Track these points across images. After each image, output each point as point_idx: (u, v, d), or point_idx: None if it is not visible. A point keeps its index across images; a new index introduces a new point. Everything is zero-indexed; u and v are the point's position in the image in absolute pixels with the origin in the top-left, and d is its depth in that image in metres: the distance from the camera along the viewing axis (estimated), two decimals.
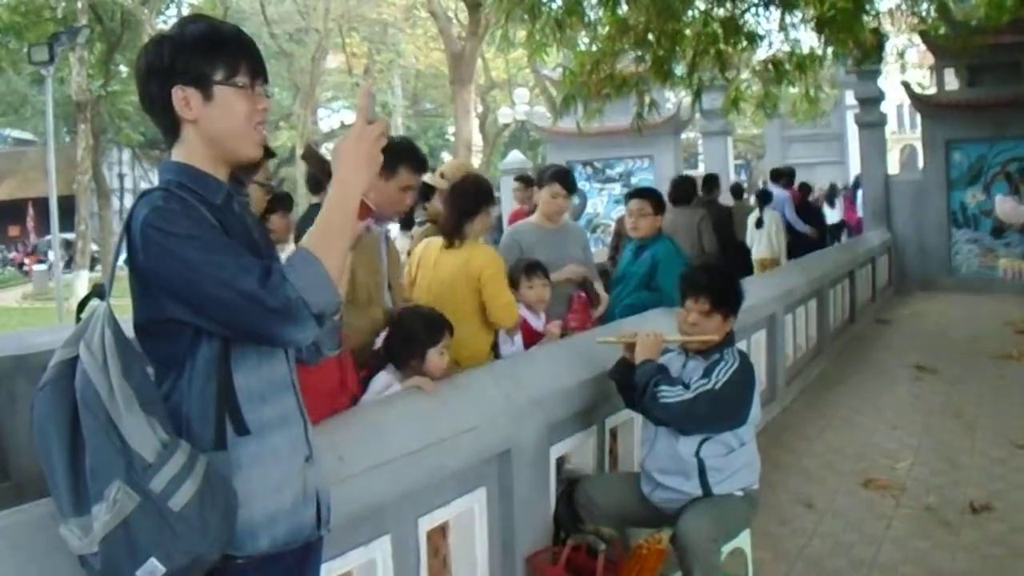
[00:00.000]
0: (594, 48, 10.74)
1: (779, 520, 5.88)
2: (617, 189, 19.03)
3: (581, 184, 19.29)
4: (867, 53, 11.40)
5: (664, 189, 8.88)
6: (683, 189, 10.12)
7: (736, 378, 4.23)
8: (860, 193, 18.76)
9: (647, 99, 10.94)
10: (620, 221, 9.81)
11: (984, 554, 5.28)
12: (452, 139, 38.54)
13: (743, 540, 4.48)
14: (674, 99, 18.82)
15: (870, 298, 14.50)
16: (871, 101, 17.38)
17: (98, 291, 2.32)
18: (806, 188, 16.20)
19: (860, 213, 18.61)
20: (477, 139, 38.30)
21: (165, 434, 2.17)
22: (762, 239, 13.24)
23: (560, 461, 4.70)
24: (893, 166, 24.01)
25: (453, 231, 5.16)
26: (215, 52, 2.35)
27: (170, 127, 2.41)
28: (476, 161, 36.50)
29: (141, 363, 2.23)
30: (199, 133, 2.38)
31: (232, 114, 2.38)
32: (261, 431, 2.36)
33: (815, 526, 5.79)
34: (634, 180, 18.65)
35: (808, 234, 14.29)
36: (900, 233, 17.04)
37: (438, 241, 5.26)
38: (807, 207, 15.17)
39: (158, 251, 2.20)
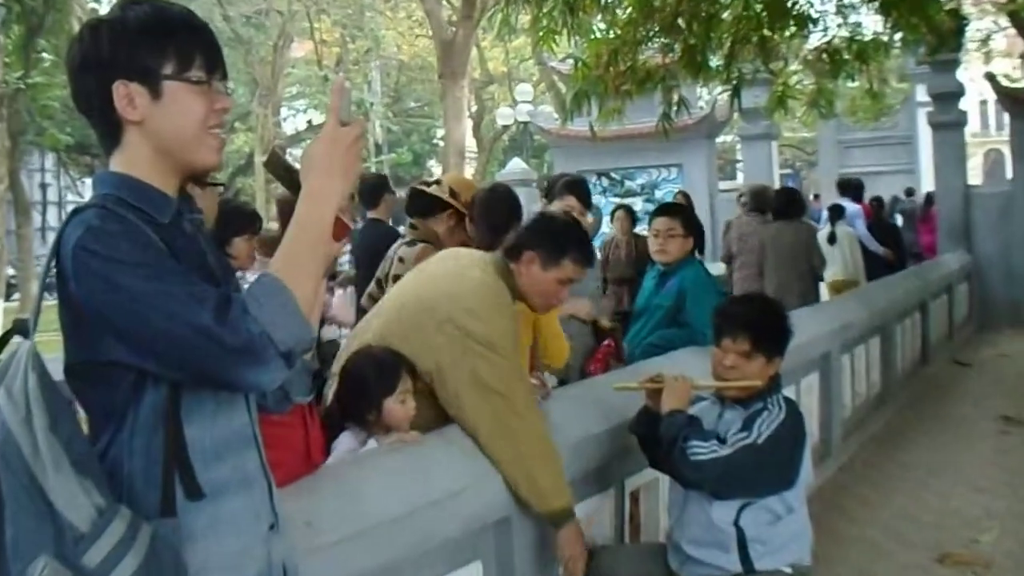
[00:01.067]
0: (612, 35, 10.73)
1: None
2: (639, 204, 19.10)
3: (595, 198, 19.23)
4: (943, 39, 11.37)
5: (702, 203, 9.00)
6: (791, 200, 11.16)
7: (782, 431, 4.25)
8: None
9: (675, 96, 10.94)
10: (622, 218, 9.81)
11: None
12: (441, 143, 38.64)
13: None
14: (708, 96, 18.93)
15: (946, 335, 14.51)
16: (948, 97, 17.44)
17: (19, 327, 2.32)
18: (880, 202, 16.30)
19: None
20: (471, 144, 38.37)
21: (101, 498, 2.14)
22: (835, 258, 12.86)
23: None
24: (974, 175, 24.08)
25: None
26: (164, 40, 2.33)
27: (109, 130, 2.39)
28: (469, 170, 36.60)
29: (72, 414, 2.20)
30: (145, 137, 2.36)
31: (185, 114, 2.36)
32: (217, 494, 2.34)
33: None
34: (659, 194, 18.74)
35: (883, 256, 14.43)
36: (983, 256, 17.09)
37: None
38: (882, 224, 15.37)
39: (93, 280, 2.18)
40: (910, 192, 24.15)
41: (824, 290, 12.46)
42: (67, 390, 2.29)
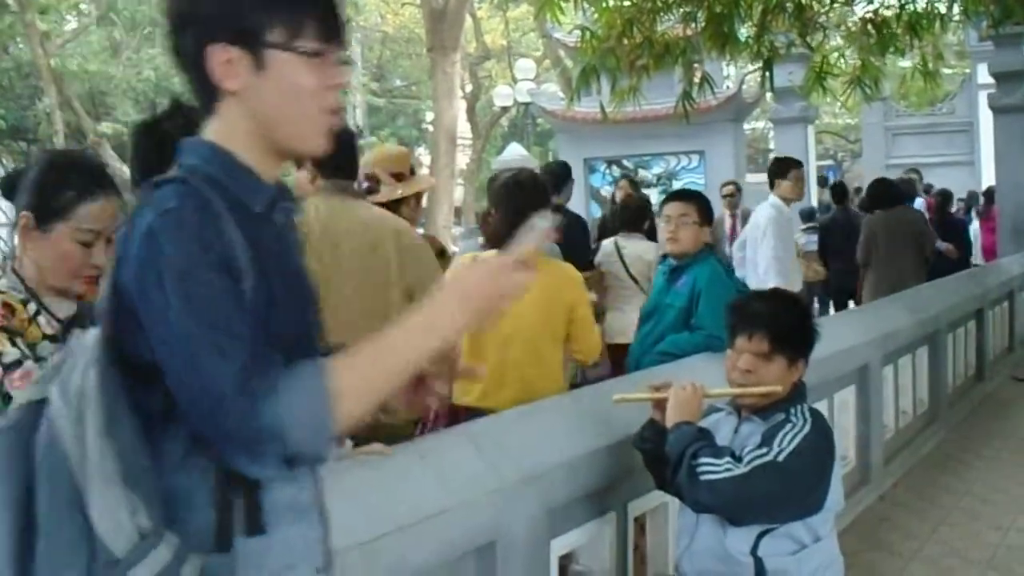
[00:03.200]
0: (626, 2, 10.71)
1: None
2: (655, 197, 19.08)
3: (605, 190, 19.18)
4: (1009, 11, 11.31)
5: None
6: (887, 189, 12.87)
7: (807, 447, 4.22)
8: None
9: (698, 73, 10.91)
10: (624, 186, 9.86)
11: None
12: (431, 128, 38.61)
13: None
14: (735, 74, 18.92)
15: (1006, 348, 14.45)
16: (1013, 77, 17.38)
17: (86, 313, 2.27)
18: (945, 196, 16.40)
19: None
20: (464, 128, 38.37)
21: (148, 520, 2.11)
22: None
23: (565, 560, 4.72)
24: None
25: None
26: (273, 1, 2.29)
27: (206, 96, 2.36)
28: (464, 158, 36.60)
29: (132, 419, 2.17)
30: (243, 111, 2.33)
31: (293, 91, 2.31)
32: (273, 524, 2.30)
33: None
34: (677, 184, 18.68)
35: (947, 253, 14.67)
36: None
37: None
38: (946, 219, 15.60)
39: (143, 270, 2.17)
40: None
41: None
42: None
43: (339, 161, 5.27)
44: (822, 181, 28.18)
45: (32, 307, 3.42)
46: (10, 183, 3.50)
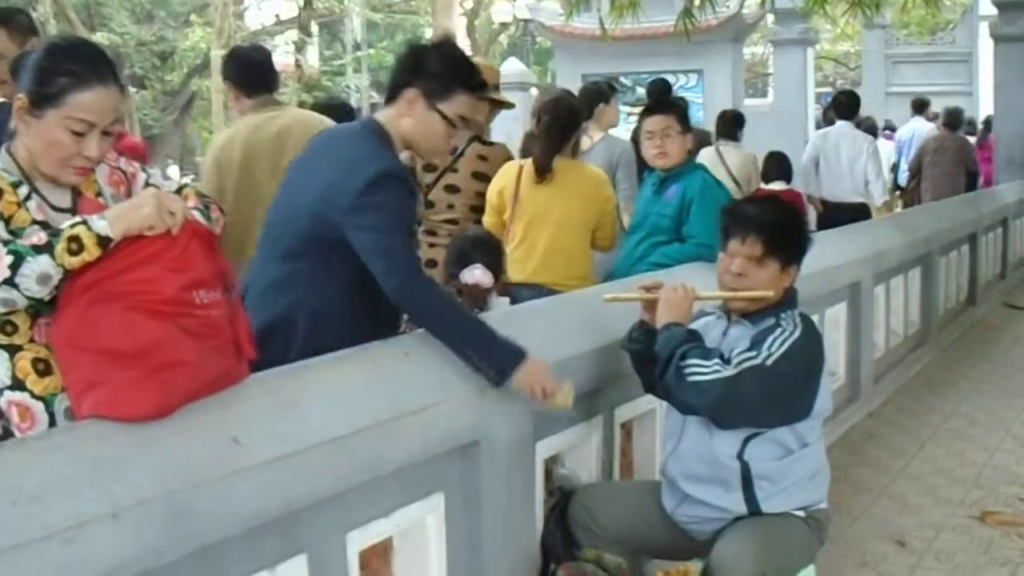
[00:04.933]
0: None
1: (859, 560, 5.89)
2: None
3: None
4: None
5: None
6: (956, 116, 15.65)
7: (796, 352, 4.19)
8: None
9: None
10: None
11: None
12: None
13: None
14: None
15: (998, 274, 14.45)
16: (1015, 6, 17.21)
17: None
18: (954, 115, 16.93)
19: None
20: (463, 44, 38.16)
21: None
22: None
23: (550, 463, 4.69)
24: None
25: (549, 163, 6.62)
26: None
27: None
28: None
29: None
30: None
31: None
32: None
33: (910, 572, 5.79)
34: None
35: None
36: None
37: (527, 169, 6.69)
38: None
39: None
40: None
41: None
42: None
43: (257, 79, 6.47)
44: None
45: (24, 190, 3.36)
46: (17, 64, 3.43)
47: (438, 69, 4.32)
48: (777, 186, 11.68)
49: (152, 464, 2.95)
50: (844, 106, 12.95)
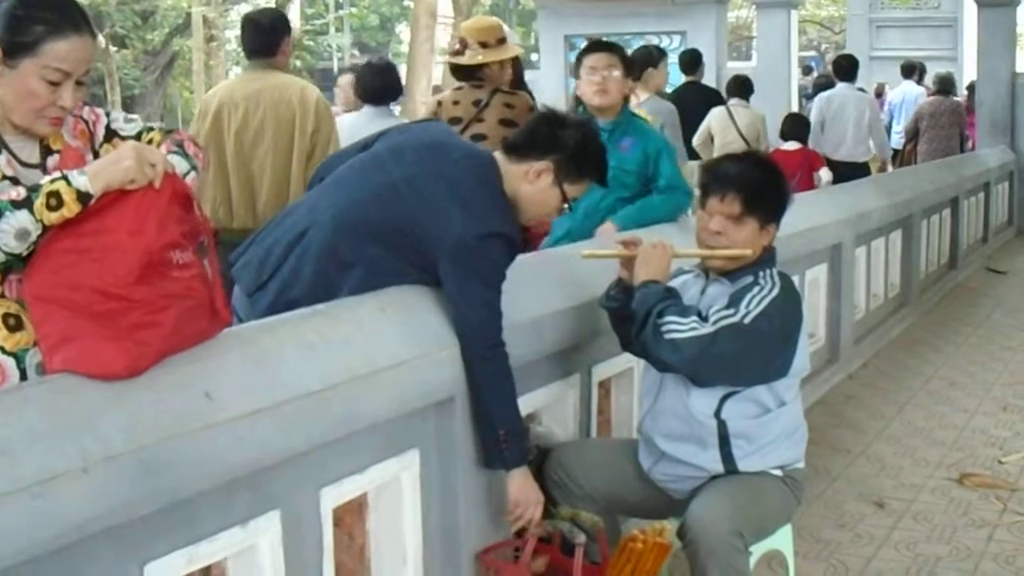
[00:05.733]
0: None
1: (837, 522, 5.91)
2: None
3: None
4: None
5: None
6: (947, 80, 16.17)
7: (773, 310, 4.17)
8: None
9: None
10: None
11: None
12: (411, 5, 38.23)
13: (782, 541, 4.47)
14: None
15: (980, 239, 14.54)
16: None
17: None
18: (945, 81, 17.00)
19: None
20: (445, 7, 38.00)
21: None
22: None
23: (527, 421, 4.66)
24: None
25: None
26: None
27: None
28: (445, 37, 36.27)
29: None
30: None
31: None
32: None
33: (888, 532, 5.81)
34: None
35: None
36: None
37: None
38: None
39: None
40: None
41: None
42: None
43: (258, 45, 6.98)
44: (806, 70, 28.46)
45: None
46: None
47: (580, 153, 4.39)
48: (790, 146, 12.14)
49: (123, 418, 2.92)
50: (845, 69, 13.76)
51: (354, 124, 7.70)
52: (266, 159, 6.69)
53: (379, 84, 8.06)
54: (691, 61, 13.11)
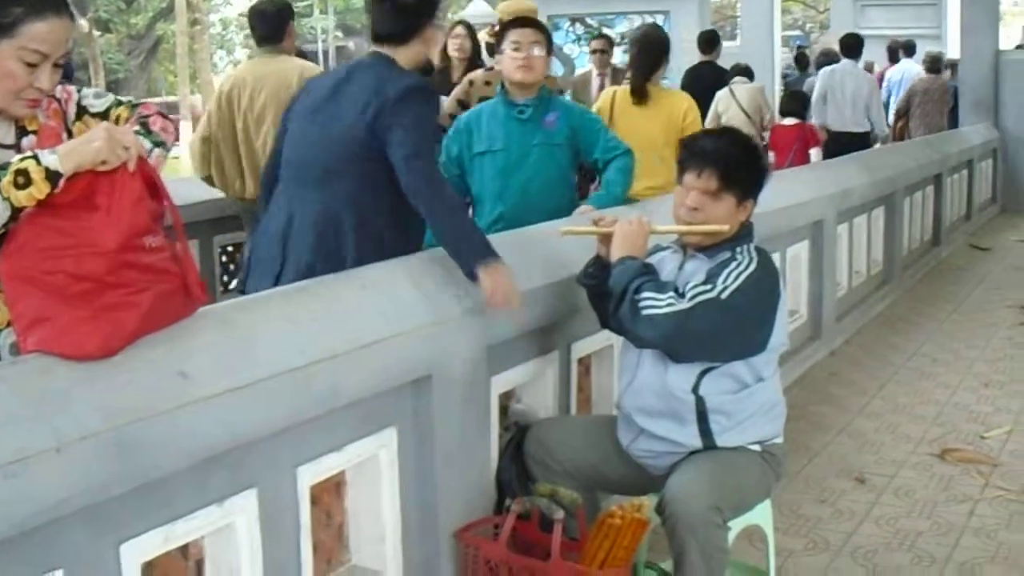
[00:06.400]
0: None
1: (818, 497, 5.92)
2: (618, 56, 18.87)
3: (568, 47, 19.17)
4: None
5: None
6: (938, 60, 16.76)
7: (751, 285, 4.16)
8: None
9: None
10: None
11: None
12: None
13: (761, 516, 4.47)
14: None
15: (963, 216, 14.56)
16: None
17: None
18: (937, 59, 17.28)
19: None
20: None
21: None
22: None
23: (506, 398, 4.68)
24: (1009, 45, 23.81)
25: (643, 83, 7.73)
26: None
27: None
28: None
29: None
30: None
31: None
32: None
33: (869, 508, 5.82)
34: None
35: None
36: (1011, 132, 16.95)
37: (624, 92, 7.86)
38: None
39: None
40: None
41: None
42: None
43: (266, 33, 7.55)
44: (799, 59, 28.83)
45: None
46: None
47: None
48: (789, 121, 12.80)
49: (97, 398, 2.92)
50: (850, 47, 14.45)
51: None
52: (269, 137, 6.82)
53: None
54: (709, 41, 13.81)
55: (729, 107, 12.44)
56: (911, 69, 19.21)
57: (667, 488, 4.06)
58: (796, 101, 13.44)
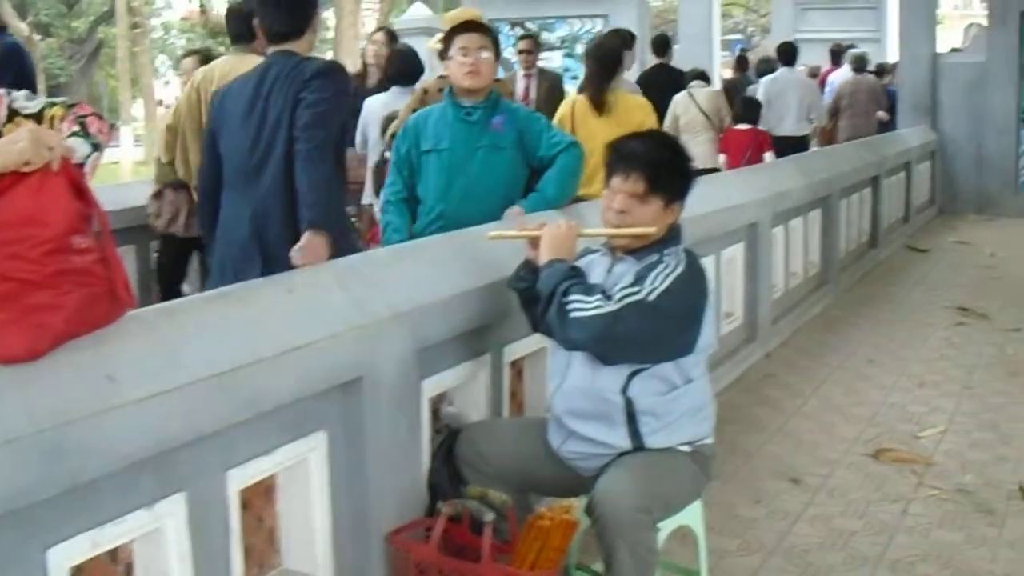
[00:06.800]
0: None
1: (752, 498, 5.96)
2: (558, 60, 18.96)
3: (507, 51, 19.17)
4: None
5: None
6: (863, 60, 17.09)
7: (678, 287, 4.18)
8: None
9: None
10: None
11: None
12: None
13: (691, 517, 4.49)
14: None
15: (901, 218, 14.67)
16: None
17: None
18: (860, 60, 17.50)
19: None
20: None
21: None
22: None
23: (437, 401, 4.70)
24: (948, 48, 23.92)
25: (600, 95, 8.06)
26: None
27: None
28: (371, 22, 36.06)
29: None
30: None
31: None
32: None
33: (803, 508, 5.86)
34: (581, 48, 18.63)
35: (879, 119, 17.11)
36: (949, 135, 17.15)
37: (583, 101, 8.12)
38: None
39: None
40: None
41: None
42: None
43: (238, 32, 7.66)
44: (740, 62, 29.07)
45: None
46: None
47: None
48: (743, 126, 13.11)
49: (23, 402, 2.91)
50: (787, 54, 15.43)
51: (387, 102, 8.78)
52: None
53: (408, 66, 9.14)
54: (662, 44, 14.36)
55: (688, 109, 12.71)
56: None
57: (596, 489, 4.07)
58: (750, 107, 13.74)
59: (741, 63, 19.31)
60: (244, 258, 5.31)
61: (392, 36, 10.23)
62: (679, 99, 12.81)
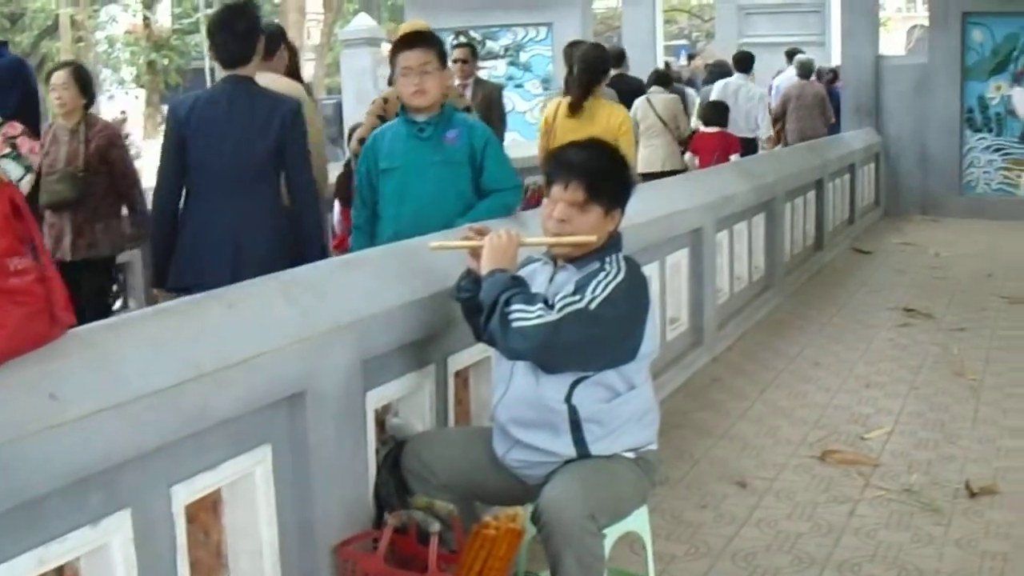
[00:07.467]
0: None
1: (699, 502, 5.99)
2: (501, 68, 18.98)
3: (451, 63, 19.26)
4: None
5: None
6: (808, 66, 17.19)
7: (619, 295, 4.20)
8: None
9: None
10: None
11: (982, 550, 5.39)
12: (280, 2, 37.87)
13: (638, 523, 4.50)
14: None
15: (846, 220, 14.77)
16: None
17: None
18: (805, 66, 17.49)
19: None
20: (315, 3, 37.74)
21: None
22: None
23: (383, 413, 4.71)
24: (892, 51, 24.03)
25: (581, 99, 8.75)
26: None
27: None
28: (316, 33, 36.02)
29: None
30: None
31: None
32: None
33: (749, 511, 5.90)
34: (524, 57, 18.70)
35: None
36: (893, 136, 17.31)
37: (566, 105, 8.84)
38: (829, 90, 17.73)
39: None
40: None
41: None
42: None
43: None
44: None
45: None
46: None
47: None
48: (712, 130, 13.99)
49: None
50: (742, 62, 16.36)
51: None
52: None
53: None
54: (620, 56, 14.37)
55: (647, 115, 13.23)
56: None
57: (541, 498, 4.09)
58: (717, 111, 14.34)
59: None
60: (220, 263, 5.78)
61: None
62: (639, 104, 13.19)
